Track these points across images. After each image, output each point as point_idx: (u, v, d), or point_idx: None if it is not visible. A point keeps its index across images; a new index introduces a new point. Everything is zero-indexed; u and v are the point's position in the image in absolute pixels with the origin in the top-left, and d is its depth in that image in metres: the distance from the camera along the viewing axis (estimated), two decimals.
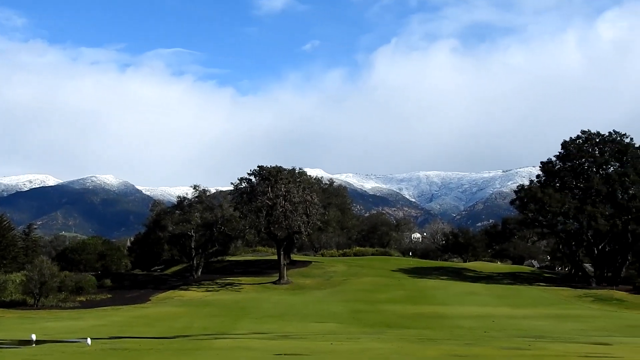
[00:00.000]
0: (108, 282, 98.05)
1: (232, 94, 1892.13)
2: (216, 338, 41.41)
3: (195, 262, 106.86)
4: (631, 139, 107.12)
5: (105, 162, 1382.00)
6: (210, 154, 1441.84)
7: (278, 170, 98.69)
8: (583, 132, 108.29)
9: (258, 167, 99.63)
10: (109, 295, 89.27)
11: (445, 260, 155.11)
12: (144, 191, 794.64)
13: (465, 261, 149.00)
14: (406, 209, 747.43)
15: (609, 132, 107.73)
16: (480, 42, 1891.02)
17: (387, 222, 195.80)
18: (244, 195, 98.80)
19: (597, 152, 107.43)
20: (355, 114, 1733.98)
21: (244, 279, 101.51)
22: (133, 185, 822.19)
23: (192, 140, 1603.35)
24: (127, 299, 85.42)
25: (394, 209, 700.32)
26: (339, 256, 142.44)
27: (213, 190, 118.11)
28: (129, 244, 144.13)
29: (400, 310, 70.65)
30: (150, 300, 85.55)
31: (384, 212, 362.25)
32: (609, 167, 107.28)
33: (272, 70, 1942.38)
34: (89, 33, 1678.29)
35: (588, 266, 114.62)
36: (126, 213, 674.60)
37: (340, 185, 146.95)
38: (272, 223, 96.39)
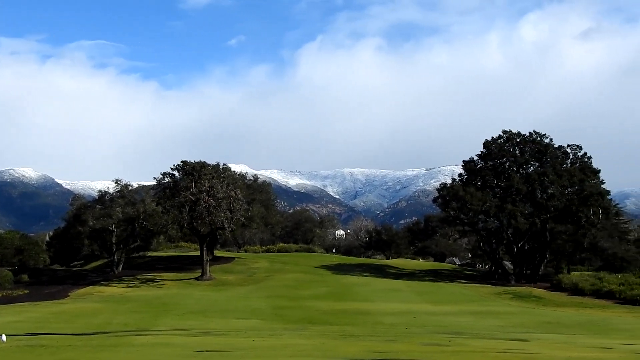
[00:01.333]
0: (25, 277, 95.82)
1: (156, 88, 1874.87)
2: (136, 334, 40.74)
3: (116, 257, 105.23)
4: (550, 139, 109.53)
5: (24, 154, 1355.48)
6: (133, 148, 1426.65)
7: (202, 165, 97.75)
8: (504, 132, 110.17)
9: (181, 162, 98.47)
10: (26, 291, 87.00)
11: (369, 257, 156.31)
12: (64, 185, 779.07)
13: (388, 258, 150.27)
14: (330, 205, 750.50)
15: (530, 133, 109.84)
16: (405, 41, 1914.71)
17: (311, 218, 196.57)
18: (167, 190, 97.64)
19: (517, 151, 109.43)
20: (281, 110, 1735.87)
21: (165, 275, 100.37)
22: (53, 179, 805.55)
23: (115, 134, 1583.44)
24: (45, 295, 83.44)
25: (318, 205, 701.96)
26: (262, 252, 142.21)
27: (135, 185, 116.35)
28: (47, 238, 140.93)
29: (323, 306, 70.73)
30: (69, 296, 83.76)
31: (308, 208, 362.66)
32: (529, 167, 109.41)
33: (197, 65, 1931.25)
34: (8, 23, 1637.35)
35: (508, 264, 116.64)
36: (46, 207, 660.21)
37: (264, 182, 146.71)
38: (195, 218, 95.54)
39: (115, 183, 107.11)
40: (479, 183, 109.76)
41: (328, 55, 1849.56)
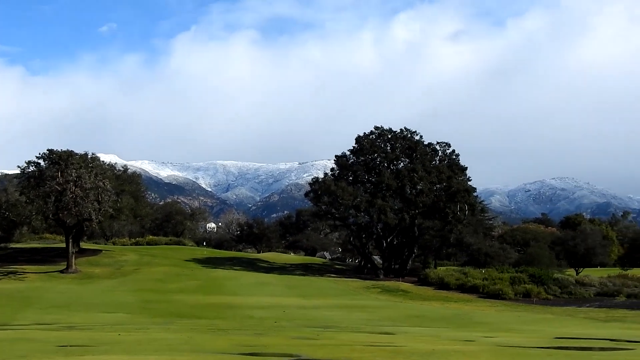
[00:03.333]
0: None
1: (22, 74, 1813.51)
2: None
3: None
4: (421, 136, 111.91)
5: None
6: None
7: (69, 154, 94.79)
8: (376, 128, 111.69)
9: (48, 150, 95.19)
10: None
11: (240, 250, 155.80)
12: None
13: (259, 252, 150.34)
14: (202, 198, 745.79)
15: (400, 129, 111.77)
16: (279, 35, 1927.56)
17: (182, 211, 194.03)
18: (32, 180, 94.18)
19: (388, 148, 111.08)
20: (153, 100, 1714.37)
21: (28, 267, 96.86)
22: None
23: None
24: None
25: (190, 198, 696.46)
26: (131, 245, 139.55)
27: None
28: None
29: (192, 300, 69.93)
30: None
31: (180, 200, 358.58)
32: (400, 163, 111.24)
33: (65, 51, 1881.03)
34: None
35: (377, 258, 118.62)
36: None
37: (134, 172, 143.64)
38: (61, 209, 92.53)
39: None
40: (351, 178, 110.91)
41: (202, 46, 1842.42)
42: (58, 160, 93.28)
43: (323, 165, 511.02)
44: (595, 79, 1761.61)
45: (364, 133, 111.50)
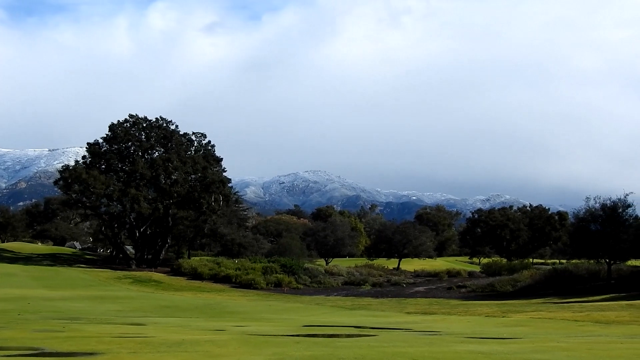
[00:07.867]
0: None
1: None
2: None
3: None
4: (176, 126, 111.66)
5: None
6: None
7: None
8: (131, 116, 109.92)
9: None
10: None
11: None
12: None
13: (3, 241, 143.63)
14: None
15: (156, 118, 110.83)
16: (28, 16, 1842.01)
17: None
18: None
19: (143, 136, 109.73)
20: None
21: None
22: None
23: None
24: None
25: None
26: None
27: None
28: None
29: None
30: None
31: None
32: (155, 152, 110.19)
33: None
34: None
35: (130, 248, 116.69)
36: None
37: None
38: None
39: None
40: (104, 166, 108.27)
41: None
42: None
43: (75, 153, 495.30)
44: (345, 76, 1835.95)
45: (118, 121, 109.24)
